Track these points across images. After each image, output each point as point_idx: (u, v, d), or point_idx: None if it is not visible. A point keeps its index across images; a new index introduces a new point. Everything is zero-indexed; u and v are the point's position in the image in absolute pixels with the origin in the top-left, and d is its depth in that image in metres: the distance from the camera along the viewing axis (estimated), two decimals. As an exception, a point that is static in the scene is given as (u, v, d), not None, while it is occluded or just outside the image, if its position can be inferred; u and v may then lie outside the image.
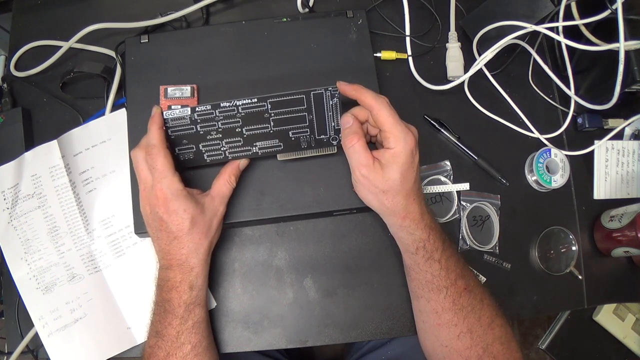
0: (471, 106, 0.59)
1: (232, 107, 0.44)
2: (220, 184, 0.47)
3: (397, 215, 0.44)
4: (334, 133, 0.47)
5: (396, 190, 0.43)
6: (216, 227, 0.46)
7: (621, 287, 0.58)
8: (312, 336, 0.52)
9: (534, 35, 0.58)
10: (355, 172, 0.44)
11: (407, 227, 0.44)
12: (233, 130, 0.46)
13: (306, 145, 0.48)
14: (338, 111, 0.46)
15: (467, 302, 0.44)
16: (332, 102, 0.45)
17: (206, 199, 0.46)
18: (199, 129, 0.45)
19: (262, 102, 0.44)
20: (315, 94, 0.44)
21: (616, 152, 0.60)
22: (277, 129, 0.46)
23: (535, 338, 1.05)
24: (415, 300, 0.48)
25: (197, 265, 0.45)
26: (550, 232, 0.56)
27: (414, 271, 0.46)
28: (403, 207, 0.44)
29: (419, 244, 0.44)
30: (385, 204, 0.44)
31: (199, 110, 0.44)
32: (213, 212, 0.46)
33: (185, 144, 0.46)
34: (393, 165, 0.43)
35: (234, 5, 0.61)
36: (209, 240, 0.46)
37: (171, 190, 0.43)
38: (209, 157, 0.47)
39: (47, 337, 0.51)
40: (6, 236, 0.53)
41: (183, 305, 0.44)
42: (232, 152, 0.47)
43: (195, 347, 0.44)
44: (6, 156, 0.54)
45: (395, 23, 0.60)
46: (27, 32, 0.60)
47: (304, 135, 0.47)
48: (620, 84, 0.50)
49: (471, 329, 0.44)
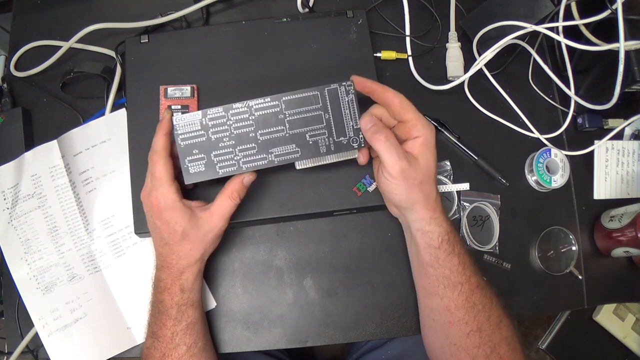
0: (471, 106, 0.59)
1: (245, 109, 0.43)
2: (222, 200, 0.44)
3: (429, 206, 0.44)
4: (354, 134, 0.44)
5: (432, 177, 0.44)
6: (211, 241, 0.45)
7: (621, 287, 0.58)
8: (312, 336, 0.52)
9: (534, 35, 0.58)
10: (395, 167, 0.41)
11: (436, 219, 0.44)
12: (246, 135, 0.43)
13: (325, 149, 0.44)
14: (355, 108, 0.44)
15: (478, 299, 0.44)
16: (348, 98, 0.44)
17: (204, 214, 0.44)
18: (210, 135, 0.43)
19: (275, 102, 0.43)
20: (330, 90, 0.44)
21: (616, 152, 0.60)
22: (294, 131, 0.43)
23: (535, 338, 1.04)
24: (427, 298, 0.47)
25: (186, 271, 0.45)
26: (550, 232, 0.56)
27: (432, 267, 0.45)
28: (435, 197, 0.44)
29: (444, 237, 0.44)
30: (422, 196, 0.43)
31: (211, 113, 0.42)
32: (209, 228, 0.44)
33: (195, 154, 0.43)
34: (426, 152, 0.43)
35: (234, 5, 0.61)
36: (201, 252, 0.45)
37: (165, 200, 0.42)
38: (221, 169, 0.43)
39: (47, 337, 0.51)
40: (6, 236, 0.53)
41: (175, 307, 0.44)
42: (246, 161, 0.43)
43: (191, 348, 0.44)
44: (6, 156, 0.54)
45: (395, 23, 0.60)
46: (27, 32, 0.60)
47: (322, 138, 0.44)
48: (620, 84, 0.50)
49: (480, 328, 0.44)
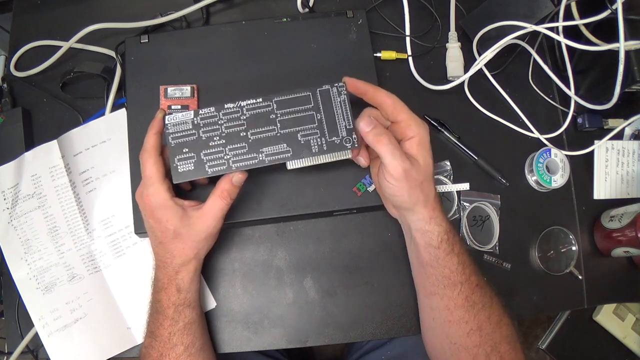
0: (471, 106, 0.58)
1: (236, 109, 0.43)
2: (212, 200, 0.43)
3: (429, 206, 0.44)
4: (346, 134, 0.44)
5: (430, 176, 0.44)
6: (204, 240, 0.45)
7: (621, 287, 0.58)
8: (312, 336, 0.52)
9: (534, 35, 0.58)
10: (398, 169, 0.41)
11: (436, 218, 0.44)
12: (237, 134, 0.43)
13: (317, 149, 0.43)
14: (347, 108, 0.44)
15: (478, 298, 0.44)
16: (340, 99, 0.44)
17: (196, 213, 0.44)
18: (201, 134, 0.43)
19: (267, 102, 0.43)
20: (322, 91, 0.44)
21: (616, 152, 0.60)
22: (285, 131, 0.43)
23: (535, 338, 1.04)
24: (427, 298, 0.47)
25: (182, 270, 0.45)
26: (550, 232, 0.56)
27: (431, 267, 0.45)
28: (434, 196, 0.44)
29: (444, 236, 0.44)
30: (422, 195, 0.43)
31: (202, 113, 0.43)
32: (201, 228, 0.44)
33: (185, 153, 0.43)
34: (423, 151, 0.43)
35: (234, 5, 0.61)
36: (194, 251, 0.45)
37: (156, 199, 0.42)
38: (211, 168, 0.43)
39: (47, 337, 0.51)
40: (6, 236, 0.53)
41: (172, 307, 0.44)
42: (236, 160, 0.43)
43: (188, 348, 0.44)
44: (6, 156, 0.54)
45: (395, 23, 0.60)
46: (27, 32, 0.60)
47: (314, 138, 0.43)
48: (620, 84, 0.50)
49: (481, 327, 0.44)
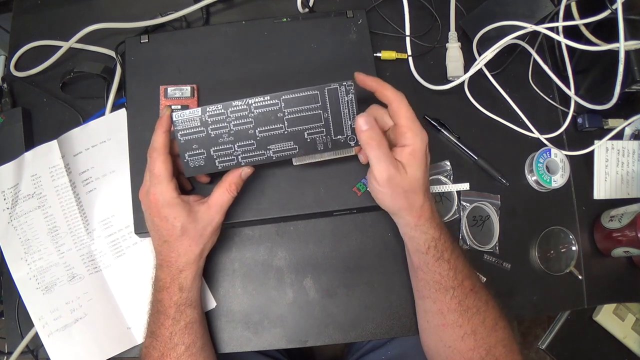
0: (471, 106, 0.58)
1: (244, 107, 0.43)
2: (219, 193, 0.44)
3: (413, 214, 0.44)
4: (351, 132, 0.44)
5: (417, 188, 0.43)
6: (209, 235, 0.45)
7: (621, 287, 0.58)
8: (312, 336, 0.52)
9: (534, 35, 0.58)
10: (382, 175, 0.42)
11: (421, 226, 0.44)
12: (245, 132, 0.43)
13: (323, 147, 0.45)
14: (354, 108, 0.44)
15: (472, 303, 0.44)
16: (348, 98, 0.44)
17: (202, 207, 0.44)
18: (210, 131, 0.43)
19: (275, 100, 0.43)
20: (330, 90, 0.44)
21: (616, 152, 0.60)
22: (292, 129, 0.44)
23: (535, 338, 1.05)
24: (421, 300, 0.48)
25: (186, 269, 0.45)
26: (550, 232, 0.56)
27: (422, 271, 0.45)
28: (420, 205, 0.44)
29: (431, 243, 0.44)
30: (406, 203, 0.43)
31: (210, 110, 0.43)
32: (207, 221, 0.44)
33: (195, 149, 0.43)
34: (414, 163, 0.43)
35: (234, 5, 0.61)
36: (200, 248, 0.45)
37: (164, 197, 0.42)
38: (221, 164, 0.44)
39: (47, 337, 0.51)
40: (6, 236, 0.53)
41: (174, 306, 0.44)
42: (245, 156, 0.44)
43: (189, 347, 0.44)
44: (6, 156, 0.54)
45: (395, 23, 0.60)
46: (27, 32, 0.60)
47: (320, 136, 0.44)
48: (620, 84, 0.50)
49: (475, 331, 0.44)
